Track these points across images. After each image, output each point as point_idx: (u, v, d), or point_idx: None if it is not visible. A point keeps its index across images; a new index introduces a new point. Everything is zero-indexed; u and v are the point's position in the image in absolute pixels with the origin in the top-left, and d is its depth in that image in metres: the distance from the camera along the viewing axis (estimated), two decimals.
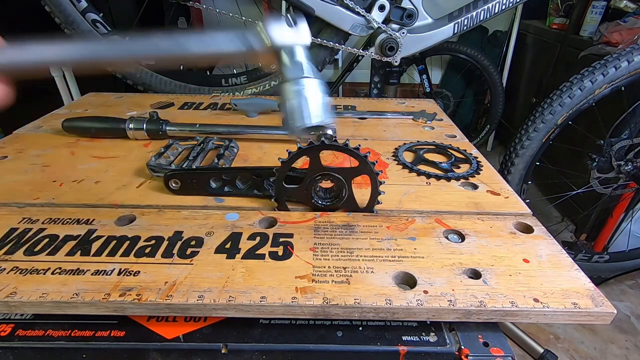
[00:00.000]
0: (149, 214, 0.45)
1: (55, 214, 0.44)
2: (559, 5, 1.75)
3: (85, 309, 0.33)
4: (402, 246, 0.40)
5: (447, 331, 0.35)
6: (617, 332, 1.12)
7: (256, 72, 0.98)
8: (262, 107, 0.79)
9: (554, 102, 0.90)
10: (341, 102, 0.87)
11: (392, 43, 0.90)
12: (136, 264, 0.36)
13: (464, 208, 0.48)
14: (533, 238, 0.42)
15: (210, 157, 0.59)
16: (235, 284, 0.34)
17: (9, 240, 0.39)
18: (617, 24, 1.37)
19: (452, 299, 0.33)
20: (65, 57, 0.31)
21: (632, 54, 0.84)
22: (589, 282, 0.36)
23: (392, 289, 0.34)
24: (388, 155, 0.62)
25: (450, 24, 0.92)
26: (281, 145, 0.65)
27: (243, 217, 0.45)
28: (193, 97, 0.90)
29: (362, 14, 0.86)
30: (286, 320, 0.35)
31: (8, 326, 0.34)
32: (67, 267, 0.36)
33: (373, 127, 0.74)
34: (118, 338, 0.33)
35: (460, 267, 0.37)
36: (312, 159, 0.42)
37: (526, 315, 0.33)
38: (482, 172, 0.57)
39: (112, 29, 0.87)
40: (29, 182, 0.51)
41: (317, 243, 0.40)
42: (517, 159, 0.94)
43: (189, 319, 0.35)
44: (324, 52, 0.93)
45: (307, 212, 0.46)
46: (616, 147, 0.99)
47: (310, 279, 0.35)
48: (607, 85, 0.87)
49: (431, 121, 0.77)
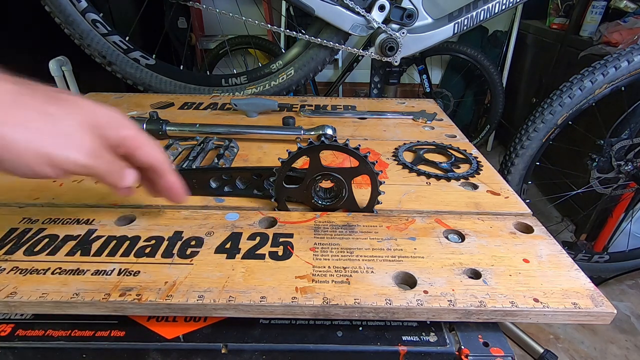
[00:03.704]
0: (149, 214, 0.45)
1: (55, 214, 0.44)
2: (559, 5, 1.75)
3: (85, 309, 0.33)
4: (402, 246, 0.40)
5: (447, 331, 0.35)
6: (617, 332, 1.12)
7: (256, 72, 0.98)
8: (262, 107, 0.79)
9: (554, 102, 0.90)
10: (341, 102, 0.87)
11: (392, 43, 0.90)
12: (136, 264, 0.36)
13: (464, 208, 0.48)
14: (533, 238, 0.42)
15: (210, 157, 0.59)
16: (235, 284, 0.34)
17: (9, 240, 0.39)
18: (617, 24, 1.37)
19: (452, 299, 0.33)
20: None
21: (632, 54, 0.84)
22: (589, 282, 0.36)
23: (392, 289, 0.34)
24: (388, 155, 0.62)
25: (450, 24, 0.92)
26: (281, 145, 0.65)
27: (243, 217, 0.45)
28: (193, 97, 0.90)
29: (362, 14, 0.86)
30: (286, 320, 0.35)
31: (8, 326, 0.34)
32: (67, 267, 0.36)
33: (373, 127, 0.74)
34: (118, 338, 0.33)
35: (460, 267, 0.37)
36: (312, 159, 0.42)
37: (526, 315, 0.33)
38: (482, 172, 0.57)
39: (112, 29, 0.87)
40: (29, 182, 0.51)
41: (317, 243, 0.40)
42: (517, 159, 0.94)
43: (189, 319, 0.35)
44: (324, 52, 0.93)
45: (307, 212, 0.46)
46: (616, 147, 0.99)
47: (310, 279, 0.35)
48: (607, 85, 0.87)
49: (431, 121, 0.77)
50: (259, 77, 0.98)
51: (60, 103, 0.29)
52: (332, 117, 0.78)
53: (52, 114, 0.28)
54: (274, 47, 1.88)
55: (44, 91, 0.28)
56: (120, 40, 0.88)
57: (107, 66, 0.90)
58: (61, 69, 1.10)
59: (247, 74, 0.98)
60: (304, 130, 0.65)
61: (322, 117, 0.78)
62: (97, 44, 0.87)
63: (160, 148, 0.35)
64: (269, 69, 0.98)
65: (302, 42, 0.95)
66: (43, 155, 0.27)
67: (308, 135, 0.64)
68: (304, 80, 0.98)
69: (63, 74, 1.11)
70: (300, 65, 0.95)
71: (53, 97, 0.28)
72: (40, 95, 0.28)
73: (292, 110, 0.83)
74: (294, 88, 0.99)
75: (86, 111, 0.29)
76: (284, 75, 0.96)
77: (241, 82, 0.99)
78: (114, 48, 0.88)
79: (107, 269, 0.36)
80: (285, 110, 0.83)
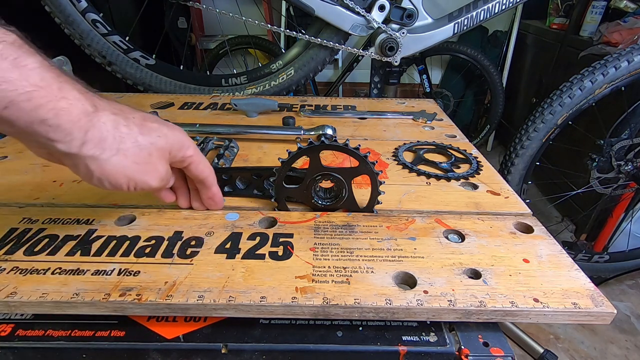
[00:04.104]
0: (149, 214, 0.45)
1: (55, 214, 0.44)
2: (559, 5, 1.75)
3: (85, 309, 0.33)
4: (402, 246, 0.40)
5: (447, 331, 0.35)
6: (617, 332, 1.12)
7: (256, 72, 0.98)
8: (262, 107, 0.79)
9: (554, 102, 0.90)
10: (341, 102, 0.87)
11: (392, 43, 0.90)
12: (136, 264, 0.36)
13: (464, 208, 0.48)
14: (533, 238, 0.42)
15: (210, 157, 0.59)
16: (235, 284, 0.34)
17: (9, 240, 0.39)
18: (617, 24, 1.37)
19: (452, 299, 0.33)
20: None
21: (632, 54, 0.84)
22: (589, 282, 0.36)
23: (392, 289, 0.34)
24: (388, 155, 0.62)
25: (450, 24, 0.92)
26: (281, 145, 0.65)
27: (243, 217, 0.45)
28: (193, 97, 0.90)
29: (362, 14, 0.86)
30: (286, 320, 0.35)
31: (8, 326, 0.34)
32: (67, 267, 0.36)
33: (373, 127, 0.74)
34: (118, 338, 0.33)
35: (460, 267, 0.37)
36: (312, 159, 0.42)
37: (526, 315, 0.33)
38: (482, 172, 0.57)
39: (112, 29, 0.87)
40: (29, 182, 0.51)
41: (317, 243, 0.40)
42: (517, 159, 0.94)
43: (189, 319, 0.35)
44: (324, 52, 0.93)
45: (307, 212, 0.46)
46: (616, 147, 0.99)
47: (310, 279, 0.35)
48: (607, 85, 0.87)
49: (431, 121, 0.77)
50: (259, 77, 0.98)
51: (148, 133, 0.35)
52: (332, 117, 0.78)
53: (140, 144, 0.34)
54: (274, 47, 1.88)
55: (136, 120, 0.34)
56: (120, 40, 0.88)
57: (107, 66, 0.90)
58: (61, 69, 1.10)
59: (247, 74, 0.98)
60: (304, 130, 0.65)
61: (322, 117, 0.78)
62: (97, 44, 0.87)
63: (209, 164, 0.42)
64: (269, 69, 0.98)
65: (302, 42, 0.95)
66: (130, 178, 0.34)
67: (308, 135, 0.64)
68: (304, 80, 0.98)
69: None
70: (300, 65, 0.95)
71: (143, 127, 0.34)
72: (134, 125, 0.34)
73: (292, 110, 0.83)
74: (294, 88, 0.99)
75: (165, 139, 0.36)
76: (284, 75, 0.96)
77: (241, 82, 0.99)
78: (114, 48, 0.88)
79: (107, 269, 0.36)
80: (285, 110, 0.83)
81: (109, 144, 0.32)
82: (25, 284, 0.34)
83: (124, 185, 0.34)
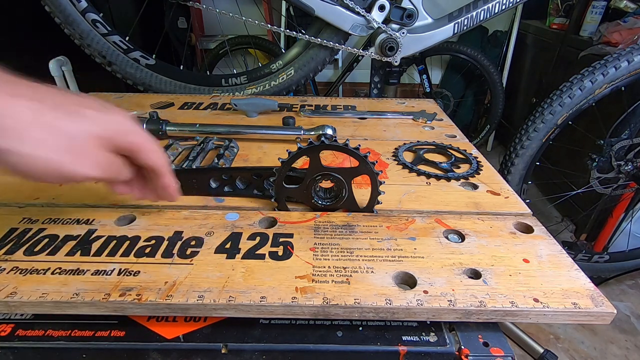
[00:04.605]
0: (149, 214, 0.45)
1: (55, 214, 0.44)
2: (559, 5, 1.75)
3: (85, 309, 0.33)
4: (402, 246, 0.40)
5: (447, 331, 0.35)
6: (617, 332, 1.12)
7: (256, 72, 0.98)
8: (262, 107, 0.79)
9: (554, 102, 0.90)
10: (341, 102, 0.87)
11: (392, 43, 0.90)
12: (136, 264, 0.36)
13: (464, 208, 0.48)
14: (533, 238, 0.42)
15: (210, 157, 0.59)
16: (235, 284, 0.34)
17: (9, 240, 0.39)
18: (617, 24, 1.37)
19: (452, 299, 0.33)
20: None
21: (632, 54, 0.84)
22: (589, 282, 0.36)
23: (392, 289, 0.34)
24: (388, 155, 0.62)
25: (450, 24, 0.92)
26: (281, 145, 0.65)
27: (243, 217, 0.45)
28: (193, 97, 0.90)
29: (362, 14, 0.86)
30: (286, 320, 0.35)
31: (8, 326, 0.34)
32: (67, 267, 0.36)
33: (373, 127, 0.74)
34: (118, 338, 0.33)
35: (460, 267, 0.37)
36: (312, 159, 0.42)
37: (526, 315, 0.33)
38: (482, 172, 0.57)
39: (112, 29, 0.87)
40: (29, 182, 0.51)
41: (317, 243, 0.40)
42: (517, 159, 0.94)
43: (189, 319, 0.35)
44: (324, 52, 0.93)
45: (307, 212, 0.46)
46: (616, 147, 0.99)
47: (310, 279, 0.35)
48: (607, 85, 0.87)
49: (431, 121, 0.77)
50: (259, 77, 0.98)
51: (77, 119, 0.31)
52: (332, 117, 0.78)
53: (68, 132, 0.30)
54: (274, 47, 1.88)
55: (64, 106, 0.31)
56: (120, 40, 0.88)
57: (107, 66, 0.90)
58: (61, 69, 1.10)
59: (247, 74, 0.98)
60: (304, 130, 0.65)
61: (322, 117, 0.78)
62: (97, 44, 0.87)
63: (162, 151, 0.38)
64: (269, 69, 0.98)
65: (302, 42, 0.95)
66: (56, 170, 0.30)
67: (308, 135, 0.64)
68: (304, 80, 0.98)
69: (63, 74, 1.11)
70: (300, 65, 0.95)
71: (72, 113, 0.31)
72: (60, 112, 0.30)
73: (292, 110, 0.83)
74: (294, 88, 0.99)
75: (99, 124, 0.32)
76: (284, 75, 0.96)
77: (241, 82, 0.99)
78: (114, 48, 0.88)
79: (107, 269, 0.36)
80: (285, 110, 0.83)
81: (27, 134, 0.28)
82: (25, 284, 0.34)
83: (52, 178, 0.30)
